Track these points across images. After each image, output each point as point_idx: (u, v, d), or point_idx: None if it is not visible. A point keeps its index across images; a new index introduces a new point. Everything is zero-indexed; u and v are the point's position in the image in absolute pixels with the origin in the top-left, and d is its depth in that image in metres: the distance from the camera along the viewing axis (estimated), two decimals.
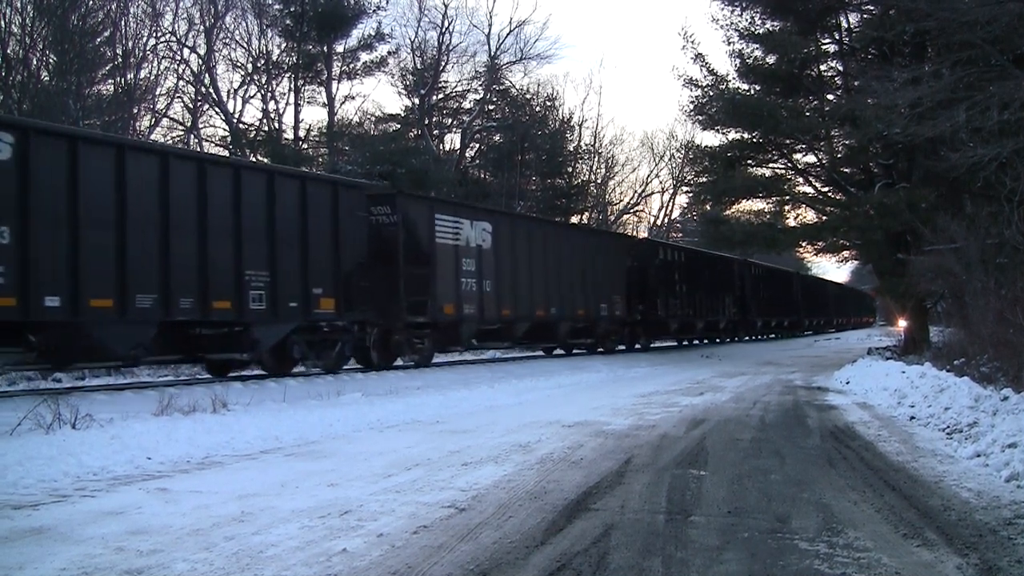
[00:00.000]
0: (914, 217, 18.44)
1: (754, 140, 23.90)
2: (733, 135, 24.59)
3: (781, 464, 6.92)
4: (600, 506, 5.40)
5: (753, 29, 23.21)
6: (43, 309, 9.97)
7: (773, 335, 43.24)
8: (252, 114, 55.23)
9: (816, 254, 32.32)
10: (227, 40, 33.04)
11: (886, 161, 21.45)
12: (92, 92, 26.24)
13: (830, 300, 56.70)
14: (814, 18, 21.49)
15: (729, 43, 23.86)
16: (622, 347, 25.85)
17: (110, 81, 27.86)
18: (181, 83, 31.97)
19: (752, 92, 23.67)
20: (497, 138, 40.38)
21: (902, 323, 27.04)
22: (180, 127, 32.33)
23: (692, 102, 24.57)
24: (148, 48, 29.53)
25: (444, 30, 38.25)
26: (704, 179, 28.12)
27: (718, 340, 34.75)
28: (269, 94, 33.60)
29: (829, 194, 24.35)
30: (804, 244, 27.11)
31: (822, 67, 23.97)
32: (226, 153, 30.48)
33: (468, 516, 5.15)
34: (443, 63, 38.74)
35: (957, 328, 16.34)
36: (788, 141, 23.62)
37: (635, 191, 51.49)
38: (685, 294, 28.63)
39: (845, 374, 16.30)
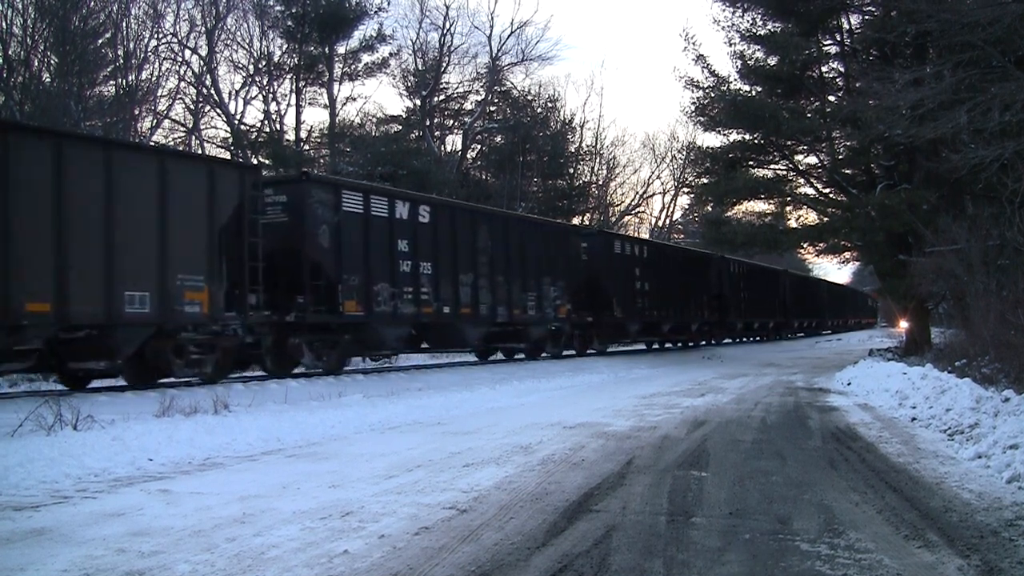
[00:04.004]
0: (915, 218, 18.44)
1: (755, 141, 23.90)
2: (734, 136, 24.60)
3: (783, 465, 6.92)
4: (601, 507, 5.40)
5: (754, 30, 23.24)
6: None
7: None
8: (253, 115, 55.56)
9: (818, 255, 32.21)
10: (228, 41, 33.18)
11: (887, 162, 21.46)
12: (93, 93, 26.32)
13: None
14: (815, 19, 21.48)
15: (730, 44, 23.91)
16: (246, 376, 14.21)
17: (111, 82, 27.96)
18: (182, 84, 32.09)
19: (753, 93, 23.67)
20: (498, 139, 40.43)
21: (903, 324, 27.02)
22: (181, 128, 32.41)
23: (694, 103, 24.60)
24: (149, 49, 29.65)
25: (445, 31, 38.39)
26: (705, 180, 28.09)
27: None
28: (270, 95, 33.73)
29: (830, 195, 24.35)
30: (805, 245, 27.09)
31: (823, 68, 23.98)
32: (228, 155, 30.51)
33: (469, 517, 5.15)
34: (444, 64, 38.84)
35: (958, 329, 16.36)
36: (789, 142, 23.63)
37: (636, 192, 51.62)
38: (423, 276, 16.14)
39: (846, 375, 16.29)
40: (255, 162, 19.41)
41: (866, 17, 21.75)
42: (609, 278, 24.04)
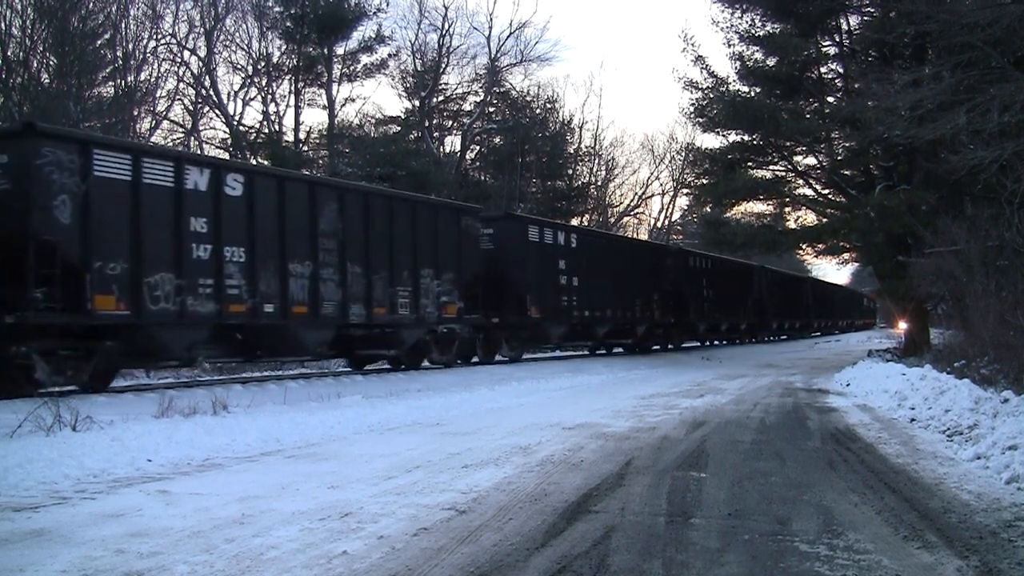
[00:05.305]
0: (915, 219, 18.45)
1: (755, 142, 23.92)
2: (734, 137, 24.63)
3: (782, 466, 6.92)
4: (600, 508, 5.40)
5: (753, 31, 23.27)
6: None
7: None
8: (252, 116, 55.55)
9: (817, 256, 32.19)
10: (227, 42, 33.11)
11: (887, 163, 21.48)
12: (92, 94, 26.29)
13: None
14: (814, 20, 21.51)
15: (729, 45, 23.94)
16: None
17: (110, 83, 27.93)
18: (181, 85, 32.03)
19: (753, 94, 23.70)
20: (497, 140, 40.44)
21: (902, 325, 27.04)
22: (180, 129, 32.40)
23: (693, 104, 24.64)
24: (148, 50, 29.60)
25: (444, 32, 38.36)
26: (704, 181, 28.10)
27: None
28: (269, 96, 33.69)
29: (830, 196, 24.38)
30: (805, 246, 27.12)
31: (823, 69, 24.02)
32: (226, 155, 30.51)
33: (468, 518, 5.15)
34: (443, 65, 38.82)
35: (958, 330, 16.36)
36: (789, 143, 23.64)
37: (635, 193, 51.55)
38: (230, 265, 12.63)
39: (845, 376, 16.30)
40: None
41: (865, 18, 21.80)
42: (522, 271, 19.74)
